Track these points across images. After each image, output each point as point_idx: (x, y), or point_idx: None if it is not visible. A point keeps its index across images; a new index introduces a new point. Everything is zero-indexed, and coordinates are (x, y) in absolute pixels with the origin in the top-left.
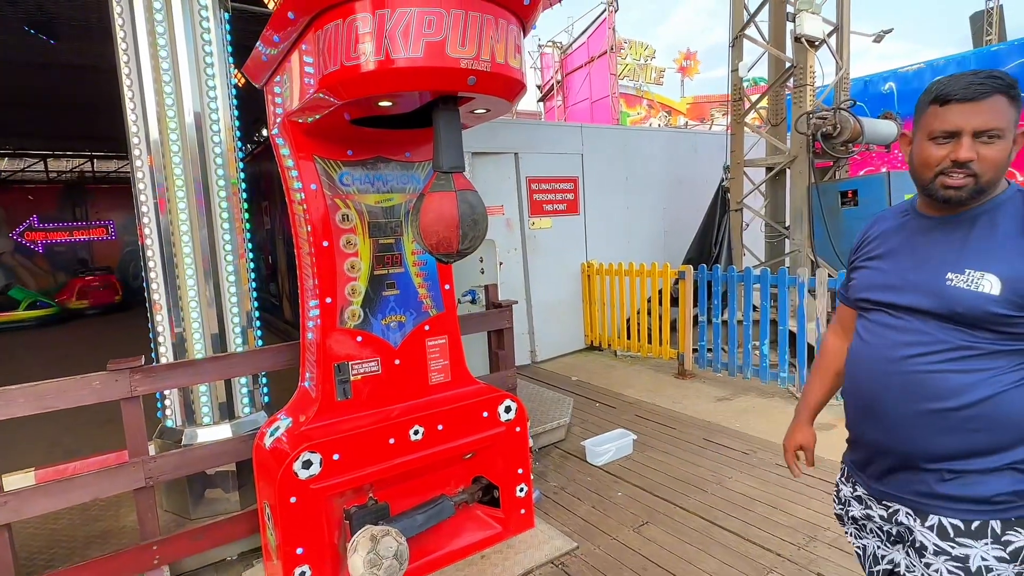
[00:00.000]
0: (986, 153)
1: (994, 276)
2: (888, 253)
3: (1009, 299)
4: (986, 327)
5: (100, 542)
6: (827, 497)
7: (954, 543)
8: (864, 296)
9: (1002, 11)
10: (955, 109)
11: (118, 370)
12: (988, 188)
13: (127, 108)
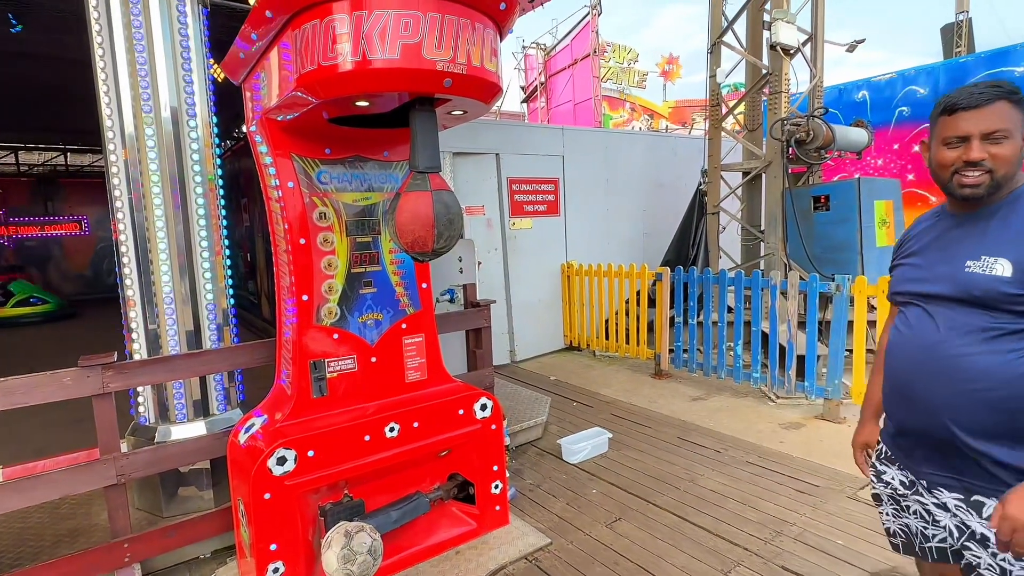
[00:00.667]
0: (997, 151)
1: (1006, 260)
2: (921, 250)
3: (1021, 280)
4: (1003, 307)
5: (69, 541)
6: (795, 494)
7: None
8: (899, 290)
9: (971, 24)
10: (963, 116)
11: (90, 366)
12: (1004, 183)
13: (101, 101)
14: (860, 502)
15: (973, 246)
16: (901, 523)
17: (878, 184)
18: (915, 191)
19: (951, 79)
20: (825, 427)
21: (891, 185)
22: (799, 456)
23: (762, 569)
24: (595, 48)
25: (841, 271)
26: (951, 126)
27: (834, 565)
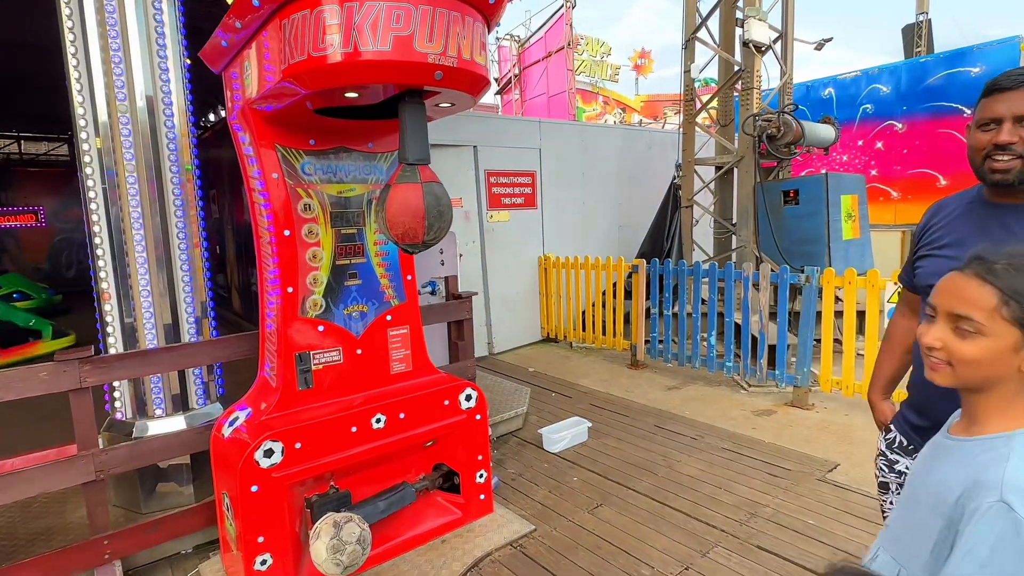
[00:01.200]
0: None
1: None
2: (956, 241)
3: None
4: None
5: (44, 539)
6: (768, 477)
7: None
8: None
9: (931, 25)
10: (998, 98)
11: (66, 360)
12: None
13: (73, 88)
14: (829, 484)
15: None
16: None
17: (845, 179)
18: (877, 186)
19: (912, 78)
20: (795, 413)
21: (857, 180)
22: (771, 441)
23: (738, 549)
24: (569, 41)
25: (810, 263)
26: (987, 108)
27: (806, 543)
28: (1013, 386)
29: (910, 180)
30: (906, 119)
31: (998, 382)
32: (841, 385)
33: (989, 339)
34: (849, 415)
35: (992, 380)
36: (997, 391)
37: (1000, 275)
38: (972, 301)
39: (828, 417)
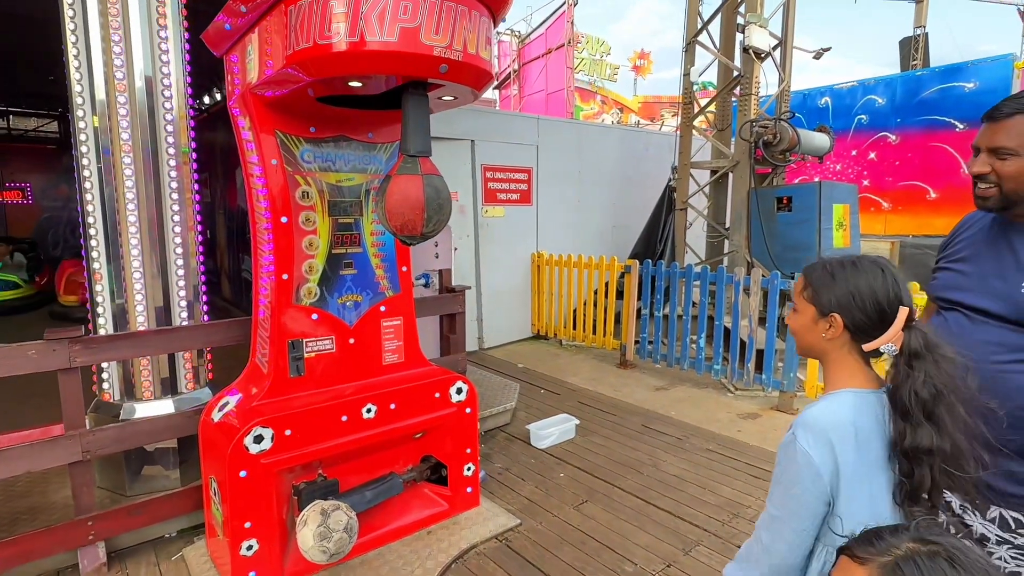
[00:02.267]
0: (1000, 168)
1: None
2: (971, 257)
3: None
4: None
5: (28, 519)
6: (750, 479)
7: (1016, 534)
8: (943, 296)
9: (927, 39)
10: (983, 128)
11: (56, 339)
12: (1018, 198)
13: (71, 65)
14: None
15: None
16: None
17: (838, 188)
18: (869, 196)
19: (907, 91)
20: (780, 417)
21: (849, 190)
22: (755, 444)
23: (720, 548)
24: (570, 39)
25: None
26: (977, 136)
27: None
28: (834, 355)
29: (901, 192)
30: (900, 131)
31: (822, 352)
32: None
33: (801, 314)
34: None
35: (816, 349)
36: (827, 360)
37: (812, 268)
38: (796, 287)
39: None
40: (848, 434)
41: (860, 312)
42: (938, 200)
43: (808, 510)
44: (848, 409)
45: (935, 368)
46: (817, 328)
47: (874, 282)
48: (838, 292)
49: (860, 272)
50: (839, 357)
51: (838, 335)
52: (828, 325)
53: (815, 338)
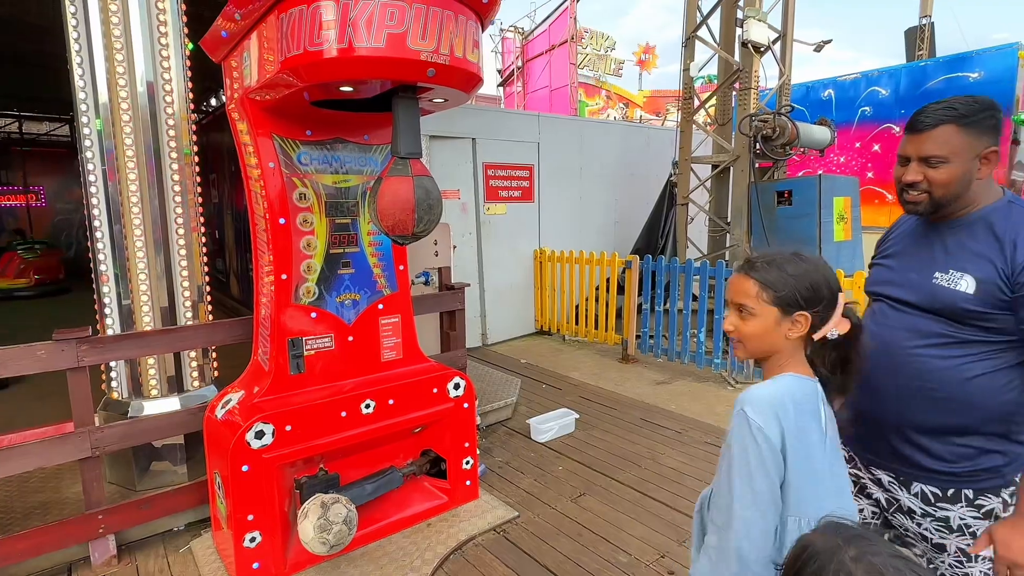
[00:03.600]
0: (932, 176)
1: (971, 277)
2: (897, 253)
3: (982, 298)
4: (963, 321)
5: (40, 513)
6: None
7: (936, 507)
8: (872, 289)
9: (933, 28)
10: (910, 139)
11: (65, 340)
12: (946, 202)
13: (75, 72)
14: None
15: (944, 257)
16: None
17: (838, 181)
18: (873, 188)
19: (912, 81)
20: None
21: (850, 183)
22: None
23: None
24: (573, 35)
25: None
26: (902, 146)
27: None
28: (788, 351)
29: None
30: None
31: (779, 351)
32: None
33: (759, 318)
34: None
35: (773, 350)
36: (779, 357)
37: (758, 270)
38: (744, 292)
39: None
40: (788, 408)
41: (820, 304)
42: None
43: (770, 484)
44: (785, 387)
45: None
46: (780, 329)
47: (826, 273)
48: (801, 290)
49: (810, 265)
50: (792, 352)
51: (804, 331)
52: (791, 323)
53: (777, 339)
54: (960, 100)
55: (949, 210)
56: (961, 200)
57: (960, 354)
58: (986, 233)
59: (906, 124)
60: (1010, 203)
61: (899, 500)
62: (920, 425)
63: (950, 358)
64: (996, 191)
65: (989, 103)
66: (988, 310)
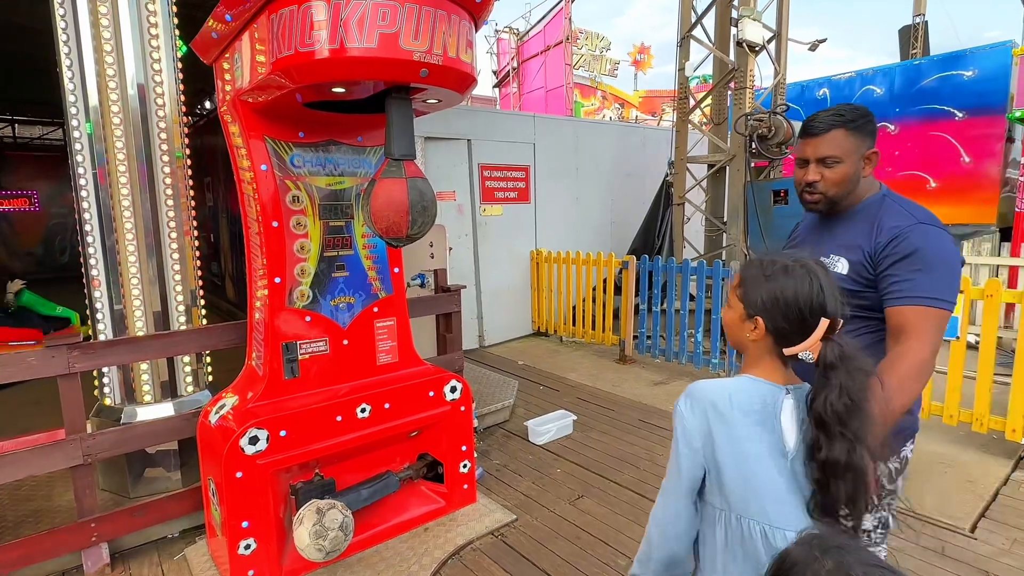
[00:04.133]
0: (827, 175)
1: (844, 260)
2: (800, 242)
3: (853, 277)
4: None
5: (32, 522)
6: None
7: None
8: None
9: (927, 27)
10: (807, 142)
11: (55, 346)
12: (838, 199)
13: (64, 75)
14: None
15: (828, 243)
16: None
17: None
18: None
19: (906, 80)
20: None
21: None
22: None
23: None
24: (568, 35)
25: None
26: (799, 149)
27: None
28: (755, 354)
29: (901, 182)
30: (899, 121)
31: (746, 349)
32: None
33: (732, 310)
34: None
35: (742, 346)
36: (748, 356)
37: (747, 264)
38: (734, 282)
39: None
40: (721, 407)
41: (782, 318)
42: (938, 189)
43: (686, 472)
44: (732, 386)
45: (849, 379)
46: (744, 327)
47: (800, 289)
48: (764, 295)
49: (789, 278)
50: (759, 357)
51: (761, 337)
52: (753, 326)
53: (741, 335)
54: (845, 107)
55: (843, 205)
56: (852, 196)
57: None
58: (862, 222)
59: (800, 131)
60: (884, 196)
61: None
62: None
63: None
64: (875, 186)
65: (867, 111)
66: (859, 288)
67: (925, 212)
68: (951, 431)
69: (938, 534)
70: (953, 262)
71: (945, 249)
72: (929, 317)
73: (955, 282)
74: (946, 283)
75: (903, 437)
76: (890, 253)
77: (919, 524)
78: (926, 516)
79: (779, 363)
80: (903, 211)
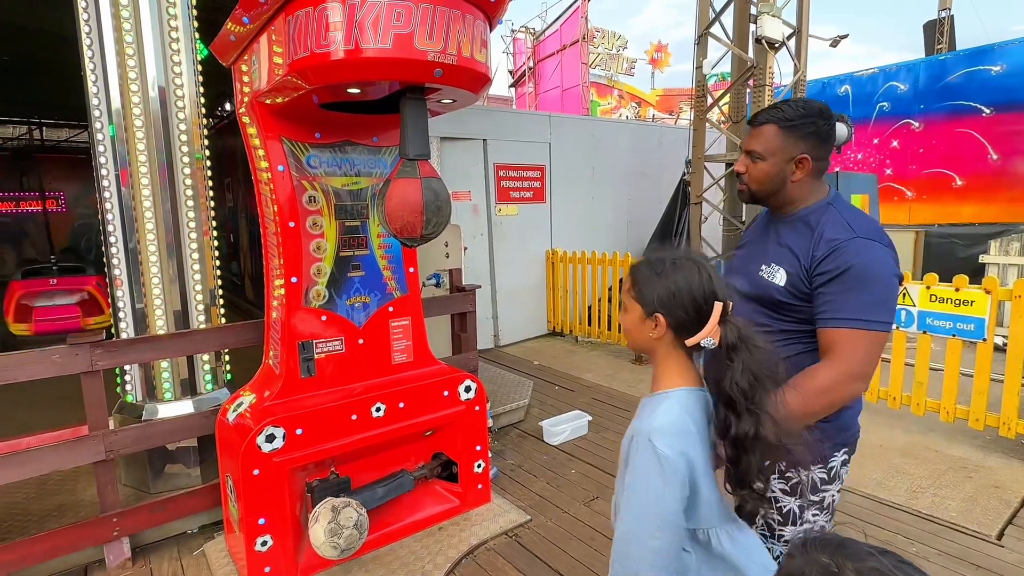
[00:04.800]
0: (751, 169)
1: (783, 271)
2: (746, 244)
3: (789, 290)
4: (778, 309)
5: (57, 516)
6: None
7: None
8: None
9: (953, 22)
10: (747, 132)
11: (79, 344)
12: (761, 195)
13: (88, 78)
14: None
15: (769, 251)
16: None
17: (855, 178)
18: (892, 185)
19: (931, 76)
20: None
21: (868, 180)
22: None
23: None
24: (584, 34)
25: None
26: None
27: None
28: (662, 353)
29: (926, 180)
30: (923, 118)
31: (651, 350)
32: None
33: (629, 313)
34: None
35: (645, 347)
36: (656, 358)
37: (634, 266)
38: (625, 287)
39: None
40: (692, 431)
41: (680, 310)
42: (965, 187)
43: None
44: (683, 408)
45: (750, 356)
46: (644, 327)
47: (691, 280)
48: (660, 292)
49: (680, 271)
50: (667, 355)
51: (663, 334)
52: (654, 324)
53: (643, 336)
54: (790, 104)
55: (772, 204)
56: (780, 197)
57: (778, 340)
58: (803, 230)
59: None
60: (829, 204)
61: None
62: None
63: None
64: (823, 192)
65: (817, 111)
66: (795, 301)
67: (867, 223)
68: (977, 435)
69: (962, 540)
70: (887, 279)
71: (879, 266)
72: (856, 339)
73: (888, 300)
74: (877, 302)
75: (830, 444)
76: (824, 271)
77: (942, 530)
78: (950, 522)
79: (687, 360)
80: (843, 222)
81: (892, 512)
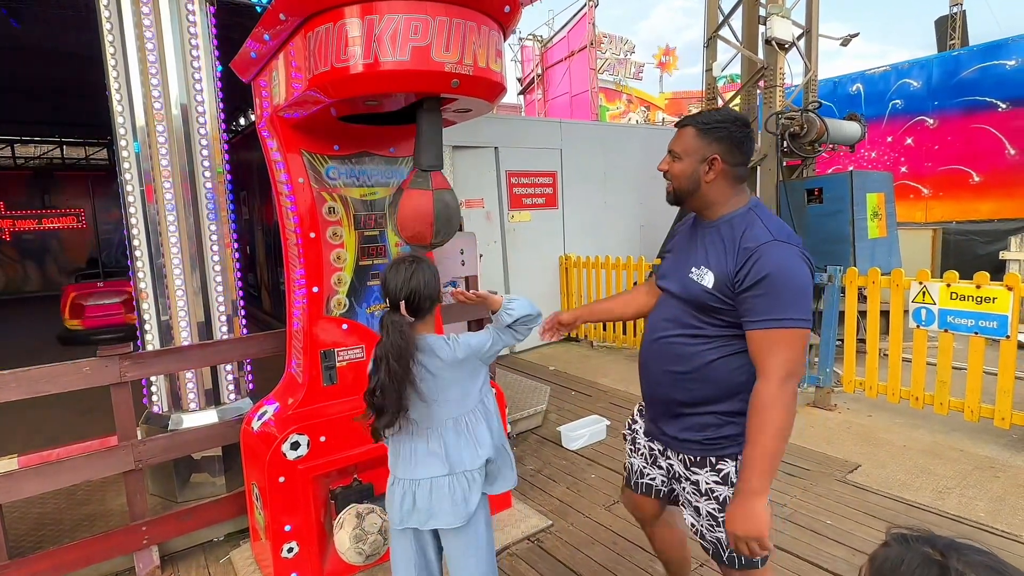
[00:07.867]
0: (672, 167)
1: (711, 274)
2: (676, 248)
3: (715, 293)
4: (706, 312)
5: (87, 525)
6: (785, 476)
7: (691, 472)
8: (658, 283)
9: (965, 17)
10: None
11: (108, 356)
12: (681, 194)
13: (113, 98)
14: (849, 485)
15: (698, 255)
16: (630, 460)
17: (871, 177)
18: (907, 183)
19: (944, 72)
20: (816, 414)
21: (883, 178)
22: (791, 442)
23: None
24: (592, 40)
25: (833, 263)
26: None
27: (823, 544)
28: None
29: (941, 177)
30: (937, 114)
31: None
32: (864, 386)
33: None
34: (872, 416)
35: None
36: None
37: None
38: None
39: (850, 418)
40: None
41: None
42: (983, 184)
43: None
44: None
45: (387, 338)
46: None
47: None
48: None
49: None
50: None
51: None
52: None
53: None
54: (712, 111)
55: (693, 206)
56: (698, 199)
57: (704, 341)
58: (726, 235)
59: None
60: (749, 210)
61: (673, 467)
62: (676, 400)
63: (696, 344)
64: (742, 199)
65: (733, 118)
66: (721, 305)
67: (782, 228)
68: (1003, 434)
69: (991, 542)
70: (801, 278)
71: (793, 267)
72: (779, 338)
73: (804, 299)
74: (793, 301)
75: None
76: (743, 277)
77: (970, 531)
78: (978, 523)
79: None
80: (762, 227)
81: (919, 513)
